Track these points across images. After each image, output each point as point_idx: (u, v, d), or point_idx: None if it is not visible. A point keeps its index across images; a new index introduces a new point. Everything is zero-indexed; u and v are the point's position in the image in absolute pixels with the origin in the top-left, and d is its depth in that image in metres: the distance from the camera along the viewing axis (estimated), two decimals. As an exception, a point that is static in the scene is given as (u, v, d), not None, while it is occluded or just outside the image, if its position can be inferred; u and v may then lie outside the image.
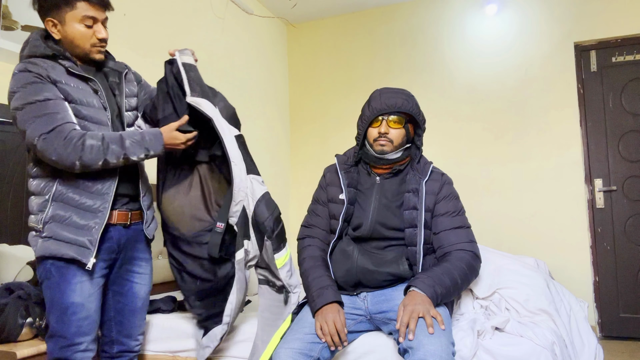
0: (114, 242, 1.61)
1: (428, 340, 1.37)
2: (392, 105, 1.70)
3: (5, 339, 1.58)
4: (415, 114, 1.73)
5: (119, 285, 1.67)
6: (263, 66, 4.09)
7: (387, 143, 1.73)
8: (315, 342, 1.53)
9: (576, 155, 3.48)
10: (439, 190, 1.76)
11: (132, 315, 1.68)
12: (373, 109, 1.73)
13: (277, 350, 1.51)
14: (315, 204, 1.89)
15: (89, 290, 1.52)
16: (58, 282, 1.48)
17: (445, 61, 3.90)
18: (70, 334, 1.47)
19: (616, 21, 3.43)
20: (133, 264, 1.69)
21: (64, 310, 1.47)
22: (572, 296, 2.04)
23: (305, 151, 4.36)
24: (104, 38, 1.58)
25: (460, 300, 1.88)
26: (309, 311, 1.66)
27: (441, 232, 1.71)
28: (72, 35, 1.52)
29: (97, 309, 1.55)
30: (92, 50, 1.57)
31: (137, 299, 1.69)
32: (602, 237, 3.42)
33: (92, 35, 1.55)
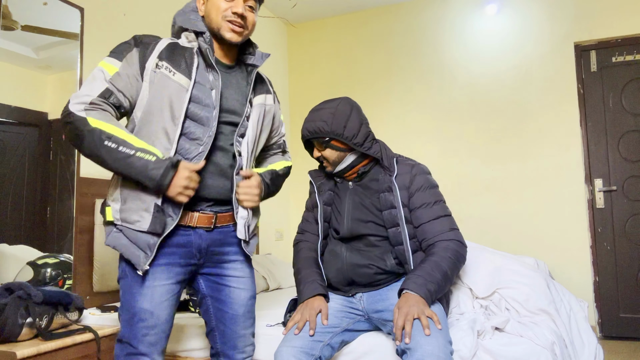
0: (192, 247, 1.45)
1: (425, 340, 1.37)
2: (312, 131, 1.72)
3: (5, 339, 1.58)
4: (337, 136, 1.69)
5: (216, 291, 1.53)
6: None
7: (327, 164, 1.78)
8: (316, 340, 1.54)
9: (576, 155, 3.48)
10: (410, 184, 1.71)
11: (234, 324, 1.53)
12: (301, 135, 1.78)
13: (279, 349, 1.51)
14: (306, 211, 1.97)
15: (161, 297, 1.40)
16: (130, 283, 1.40)
17: (445, 61, 3.90)
18: (136, 342, 1.38)
19: (616, 21, 3.43)
20: (226, 267, 1.53)
21: (131, 316, 1.39)
22: (572, 296, 2.04)
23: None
24: (240, 13, 1.44)
25: (459, 300, 1.88)
26: None
27: (422, 225, 1.68)
28: (211, 8, 1.45)
29: (168, 319, 1.43)
30: (223, 26, 1.45)
31: (237, 305, 1.53)
32: (602, 237, 3.41)
33: (227, 8, 1.44)
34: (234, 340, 1.53)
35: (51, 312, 1.70)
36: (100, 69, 1.37)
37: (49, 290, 1.72)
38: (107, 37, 2.48)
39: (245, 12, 1.47)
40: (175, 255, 1.43)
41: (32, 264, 1.91)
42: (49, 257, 2.02)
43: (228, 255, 1.53)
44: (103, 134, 1.30)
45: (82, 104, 1.32)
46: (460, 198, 3.69)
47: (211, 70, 1.46)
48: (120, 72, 1.37)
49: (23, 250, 1.99)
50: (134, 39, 1.43)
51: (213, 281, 1.53)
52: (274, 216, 4.05)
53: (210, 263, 1.51)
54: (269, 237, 3.97)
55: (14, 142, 2.06)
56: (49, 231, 2.20)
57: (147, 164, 1.31)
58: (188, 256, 1.45)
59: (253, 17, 1.51)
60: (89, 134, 1.29)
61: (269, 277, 2.94)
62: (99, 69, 1.37)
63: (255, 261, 3.02)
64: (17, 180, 2.04)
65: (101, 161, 1.33)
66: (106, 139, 1.30)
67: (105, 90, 1.34)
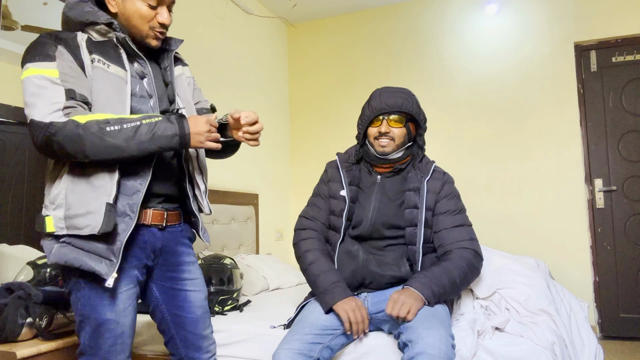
0: (147, 247, 1.38)
1: (427, 332, 1.39)
2: (392, 104, 1.70)
3: (5, 339, 1.58)
4: (415, 114, 1.73)
5: (172, 297, 1.45)
6: (263, 66, 4.09)
7: (389, 142, 1.73)
8: (315, 342, 1.53)
9: (576, 155, 3.48)
10: (440, 189, 1.76)
11: (195, 327, 1.47)
12: (373, 109, 1.73)
13: (277, 351, 1.51)
14: (316, 197, 1.88)
15: (124, 304, 1.33)
16: (88, 295, 1.30)
17: (445, 61, 3.90)
18: (104, 352, 1.31)
19: (616, 21, 3.43)
20: (180, 270, 1.46)
21: (96, 328, 1.30)
22: (572, 296, 2.04)
23: (305, 151, 4.36)
24: (166, 24, 1.39)
25: (460, 300, 1.88)
26: (310, 311, 1.66)
27: (442, 231, 1.72)
28: (131, 11, 1.35)
29: (132, 324, 1.36)
30: (149, 34, 1.38)
31: (195, 307, 1.47)
32: (602, 237, 3.41)
33: (153, 17, 1.37)
34: (198, 342, 1.48)
35: (51, 312, 1.70)
36: (39, 76, 1.22)
37: (49, 290, 1.72)
38: (107, 37, 2.46)
39: (169, 18, 1.41)
40: (133, 257, 1.35)
41: (32, 264, 1.91)
42: (49, 257, 2.02)
43: (181, 256, 1.47)
44: (100, 123, 1.20)
45: (57, 112, 1.20)
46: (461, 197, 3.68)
47: (135, 59, 1.39)
48: (62, 71, 1.24)
49: (23, 250, 1.99)
50: (48, 37, 1.29)
51: (168, 287, 1.45)
52: (274, 216, 4.05)
53: (164, 267, 1.44)
54: (269, 237, 3.97)
55: (14, 142, 2.06)
56: (49, 231, 2.20)
57: (159, 126, 1.24)
58: (144, 257, 1.38)
59: (171, 19, 1.44)
60: (87, 131, 1.19)
61: (269, 277, 2.94)
62: (37, 76, 1.22)
63: (255, 261, 3.02)
64: (17, 180, 2.04)
65: (113, 149, 1.21)
66: (105, 124, 1.20)
67: (68, 92, 1.23)
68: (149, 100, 1.39)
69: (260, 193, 3.81)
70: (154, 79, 1.42)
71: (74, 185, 1.26)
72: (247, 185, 3.68)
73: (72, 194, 1.26)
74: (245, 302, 2.37)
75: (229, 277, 2.25)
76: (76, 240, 1.26)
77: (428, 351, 1.34)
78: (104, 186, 1.26)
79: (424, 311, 1.51)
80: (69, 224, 1.25)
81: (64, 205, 1.25)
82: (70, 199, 1.25)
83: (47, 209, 1.29)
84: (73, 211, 1.25)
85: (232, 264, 2.33)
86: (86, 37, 1.33)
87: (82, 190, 1.26)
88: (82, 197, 1.25)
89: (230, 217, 3.32)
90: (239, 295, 2.32)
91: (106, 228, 1.23)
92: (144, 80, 1.39)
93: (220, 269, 2.26)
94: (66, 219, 1.25)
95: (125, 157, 1.24)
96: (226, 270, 2.26)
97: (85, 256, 1.25)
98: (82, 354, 1.34)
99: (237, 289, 2.30)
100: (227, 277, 2.25)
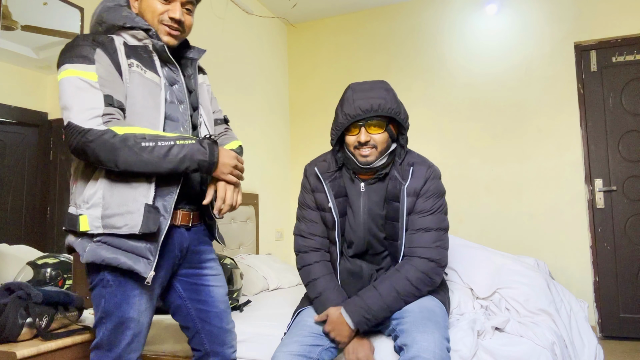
0: (175, 246, 1.42)
1: (421, 336, 1.38)
2: (368, 109, 1.51)
3: (5, 339, 1.58)
4: (395, 114, 1.54)
5: (196, 292, 1.50)
6: (263, 66, 4.09)
7: (371, 151, 1.56)
8: (314, 344, 1.52)
9: (576, 155, 3.48)
10: (421, 187, 1.60)
11: (220, 321, 1.53)
12: (347, 115, 1.54)
13: (276, 354, 1.49)
14: (305, 209, 1.73)
15: (147, 304, 1.37)
16: (114, 292, 1.32)
17: (445, 61, 3.90)
18: (120, 349, 1.34)
19: (616, 21, 3.43)
20: (202, 267, 1.52)
21: (117, 325, 1.33)
22: (572, 296, 2.04)
23: (305, 151, 4.35)
24: (177, 19, 1.40)
25: (460, 300, 1.88)
26: (308, 315, 1.64)
27: (410, 231, 1.59)
28: (146, 8, 1.40)
29: (149, 324, 1.40)
30: (159, 29, 1.41)
31: (218, 302, 1.53)
32: (602, 237, 3.41)
33: (164, 11, 1.40)
34: (222, 336, 1.53)
35: (51, 312, 1.70)
36: (77, 78, 1.26)
37: (49, 290, 1.72)
38: (107, 37, 2.47)
39: (183, 16, 1.44)
40: (163, 257, 1.38)
41: (32, 264, 1.91)
42: (49, 257, 2.02)
43: (204, 254, 1.53)
44: (137, 137, 1.24)
45: (96, 118, 1.23)
46: (460, 198, 3.69)
47: (167, 66, 1.45)
48: (101, 75, 1.28)
49: (23, 250, 1.99)
50: (86, 39, 1.32)
51: (192, 283, 1.50)
52: (274, 216, 4.05)
53: (187, 264, 1.49)
54: (269, 237, 3.96)
55: (14, 142, 2.06)
56: (49, 231, 2.20)
57: (192, 149, 1.28)
58: (173, 257, 1.43)
59: (190, 20, 1.48)
60: (123, 143, 1.22)
61: (269, 277, 2.94)
62: (76, 78, 1.25)
63: (255, 261, 3.02)
64: (17, 180, 2.04)
65: (145, 164, 1.25)
66: (141, 140, 1.24)
67: (106, 97, 1.26)
68: (179, 106, 1.43)
69: (260, 193, 3.81)
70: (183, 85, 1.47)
71: (111, 185, 1.29)
72: (247, 185, 3.68)
73: (110, 194, 1.28)
74: (245, 302, 2.37)
75: (229, 277, 2.25)
76: (113, 239, 1.28)
77: (422, 355, 1.33)
78: (142, 187, 1.30)
79: (420, 314, 1.47)
80: (106, 223, 1.27)
81: (101, 204, 1.28)
82: (108, 199, 1.28)
83: (79, 207, 1.31)
84: (111, 211, 1.27)
85: (232, 264, 2.34)
86: (122, 40, 1.37)
87: (121, 190, 1.28)
88: (120, 198, 1.28)
89: (230, 217, 3.32)
90: (239, 295, 2.32)
91: (147, 228, 1.26)
92: (174, 87, 1.44)
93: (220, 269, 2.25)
94: (103, 218, 1.27)
95: (153, 173, 1.29)
96: (226, 271, 2.26)
97: (123, 255, 1.28)
98: (97, 348, 1.36)
99: (237, 289, 2.30)
100: (227, 277, 2.25)
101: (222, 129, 1.68)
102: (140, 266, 1.29)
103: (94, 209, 1.28)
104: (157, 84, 1.38)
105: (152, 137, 1.26)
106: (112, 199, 1.28)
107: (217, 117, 1.68)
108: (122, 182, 1.29)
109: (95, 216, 1.28)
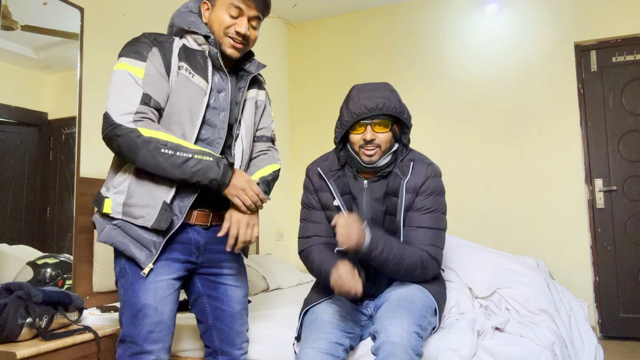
0: (191, 243, 1.46)
1: (390, 322, 1.41)
2: (373, 107, 1.55)
3: (5, 339, 1.58)
4: (399, 113, 1.59)
5: (213, 289, 1.54)
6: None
7: (376, 150, 1.59)
8: (337, 342, 1.50)
9: (576, 155, 3.48)
10: (420, 185, 1.62)
11: (232, 321, 1.55)
12: (352, 113, 1.57)
13: (304, 350, 1.46)
14: (309, 210, 1.73)
15: (164, 292, 1.40)
16: (131, 280, 1.39)
17: (445, 61, 3.90)
18: (141, 340, 1.36)
19: (616, 21, 3.43)
20: (222, 266, 1.55)
21: (135, 313, 1.37)
22: (572, 296, 2.04)
23: (305, 151, 4.35)
24: (243, 33, 1.45)
25: (459, 299, 1.88)
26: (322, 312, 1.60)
27: (407, 227, 1.61)
28: (214, 19, 1.46)
29: (171, 315, 1.42)
30: (224, 41, 1.46)
31: (234, 302, 1.55)
32: (602, 237, 3.41)
33: (231, 25, 1.45)
34: (232, 337, 1.55)
35: (51, 312, 1.70)
36: (127, 72, 1.34)
37: (49, 290, 1.72)
38: (107, 37, 2.48)
39: (248, 31, 1.48)
40: (175, 251, 1.43)
41: (32, 264, 1.91)
42: (49, 257, 2.03)
43: (224, 253, 1.52)
44: (159, 143, 1.30)
45: (129, 115, 1.30)
46: (460, 198, 3.69)
47: (219, 73, 1.49)
48: (149, 73, 1.35)
49: (23, 250, 2.00)
50: (147, 37, 1.41)
51: (209, 280, 1.54)
52: (274, 216, 4.05)
53: (207, 262, 1.52)
54: (269, 238, 3.97)
55: (14, 142, 2.06)
56: (49, 231, 2.20)
57: (207, 165, 1.33)
58: (187, 252, 1.46)
59: (255, 34, 1.53)
60: (144, 145, 1.29)
61: (269, 277, 2.94)
62: (125, 72, 1.34)
63: (255, 261, 3.02)
64: (17, 180, 2.05)
65: (159, 169, 1.32)
66: (162, 146, 1.30)
67: (144, 96, 1.33)
68: (220, 113, 1.47)
69: (260, 193, 3.80)
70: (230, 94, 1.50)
71: (139, 178, 1.38)
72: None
73: (136, 185, 1.38)
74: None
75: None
76: (127, 225, 1.37)
77: (390, 339, 1.35)
78: (165, 186, 1.37)
79: (396, 302, 1.49)
80: (125, 210, 1.37)
81: (126, 192, 1.38)
82: (133, 189, 1.37)
83: (108, 191, 1.42)
84: (133, 200, 1.37)
85: (232, 264, 2.33)
86: (181, 44, 1.44)
87: (146, 184, 1.37)
88: (144, 190, 1.37)
89: (230, 217, 3.32)
90: (239, 295, 2.32)
91: (158, 225, 1.34)
92: (220, 94, 1.48)
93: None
94: (125, 205, 1.37)
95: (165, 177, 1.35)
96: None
97: (131, 242, 1.37)
98: (122, 341, 1.40)
99: (237, 289, 2.29)
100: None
101: (264, 147, 1.69)
102: (142, 255, 1.36)
103: (120, 195, 1.38)
104: (202, 89, 1.43)
105: (173, 146, 1.32)
106: (137, 190, 1.37)
107: (263, 134, 1.71)
108: (149, 177, 1.36)
109: (119, 202, 1.37)
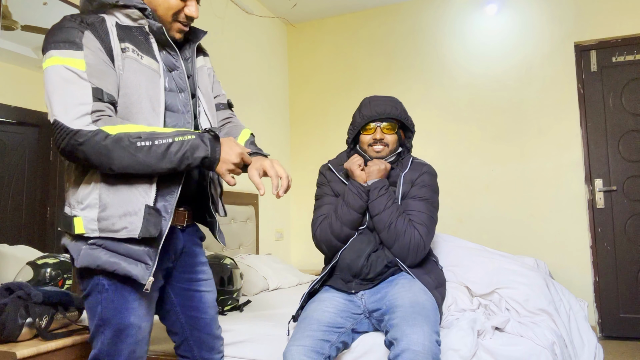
0: (170, 248, 1.32)
1: (411, 330, 1.41)
2: (382, 112, 1.83)
3: (5, 339, 1.58)
4: (404, 119, 1.88)
5: (188, 299, 1.40)
6: (263, 66, 4.09)
7: (383, 148, 1.86)
8: (324, 339, 1.53)
9: (576, 155, 3.48)
10: (416, 178, 1.85)
11: (210, 327, 1.44)
12: (364, 116, 1.85)
13: (289, 348, 1.49)
14: (323, 197, 1.92)
15: (147, 308, 1.27)
16: (111, 298, 1.21)
17: (445, 61, 3.90)
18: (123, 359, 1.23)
19: (616, 21, 3.43)
20: (194, 271, 1.42)
21: (117, 333, 1.21)
22: (572, 296, 2.04)
23: (305, 151, 4.36)
24: (194, 17, 1.30)
25: (457, 297, 1.88)
26: (313, 310, 1.65)
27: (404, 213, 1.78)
28: (159, 2, 1.27)
29: (150, 329, 1.30)
30: (172, 26, 1.31)
31: (209, 308, 1.44)
32: (602, 237, 3.41)
33: (180, 9, 1.29)
34: (211, 342, 1.44)
35: (51, 312, 1.70)
36: (64, 67, 1.12)
37: (49, 290, 1.72)
38: (107, 37, 2.46)
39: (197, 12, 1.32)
40: (161, 260, 1.27)
41: (32, 264, 1.91)
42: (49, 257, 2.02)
43: (197, 257, 1.43)
44: (131, 137, 1.12)
45: (84, 116, 1.11)
46: (460, 198, 3.69)
47: (166, 50, 1.31)
48: (90, 63, 1.14)
49: (23, 250, 1.99)
50: (73, 20, 1.18)
51: (185, 289, 1.40)
52: (274, 216, 4.05)
53: (181, 267, 1.39)
54: (269, 237, 3.97)
55: (14, 142, 2.06)
56: (49, 231, 2.20)
57: (192, 145, 1.16)
58: (167, 259, 1.32)
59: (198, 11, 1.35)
60: (116, 144, 1.11)
61: (269, 277, 2.94)
62: (62, 67, 1.12)
63: (255, 261, 3.02)
64: (17, 180, 2.05)
65: (143, 166, 1.14)
66: (136, 139, 1.12)
67: (94, 91, 1.13)
68: (180, 94, 1.31)
69: (260, 193, 3.80)
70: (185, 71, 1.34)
71: (109, 184, 1.17)
72: (247, 185, 3.67)
73: (108, 193, 1.17)
74: (245, 302, 2.37)
75: (229, 277, 2.25)
76: (109, 242, 1.18)
77: (412, 348, 1.36)
78: (142, 187, 1.18)
79: (410, 308, 1.51)
80: (102, 226, 1.16)
81: (97, 205, 1.17)
82: (105, 199, 1.17)
83: (74, 209, 1.20)
84: (108, 212, 1.16)
85: (232, 264, 2.34)
86: (114, 21, 1.23)
87: (119, 189, 1.17)
88: (118, 197, 1.17)
89: (230, 217, 3.33)
90: (238, 295, 2.32)
91: (147, 232, 1.16)
92: (173, 73, 1.31)
93: (220, 269, 2.26)
94: (100, 220, 1.16)
95: (152, 174, 1.18)
96: (226, 271, 2.27)
97: (121, 260, 1.17)
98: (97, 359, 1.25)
99: (237, 289, 2.30)
100: (227, 277, 2.25)
101: (227, 115, 1.56)
102: (138, 271, 1.18)
103: (90, 210, 1.17)
104: (156, 71, 1.24)
105: (148, 136, 1.13)
106: (110, 200, 1.17)
107: (220, 102, 1.55)
108: (120, 181, 1.17)
109: (91, 218, 1.17)
